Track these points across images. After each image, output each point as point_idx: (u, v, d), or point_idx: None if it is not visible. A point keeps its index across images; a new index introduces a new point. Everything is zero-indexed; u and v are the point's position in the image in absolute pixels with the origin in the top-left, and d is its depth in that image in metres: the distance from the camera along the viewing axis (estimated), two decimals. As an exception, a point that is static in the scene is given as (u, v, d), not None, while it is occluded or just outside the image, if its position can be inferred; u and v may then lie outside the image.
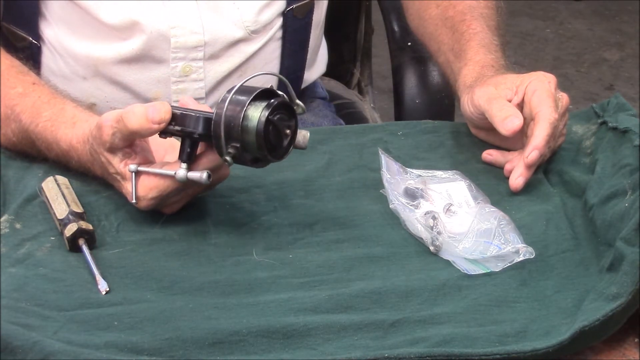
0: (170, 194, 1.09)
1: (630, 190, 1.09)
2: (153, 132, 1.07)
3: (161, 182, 1.08)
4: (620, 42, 4.05)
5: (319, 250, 1.08)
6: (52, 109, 1.19)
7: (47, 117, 1.18)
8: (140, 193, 1.08)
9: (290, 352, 0.92)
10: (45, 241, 1.06)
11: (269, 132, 1.03)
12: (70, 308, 0.96)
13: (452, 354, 0.91)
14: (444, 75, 1.45)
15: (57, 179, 1.13)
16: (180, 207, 1.12)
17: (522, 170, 1.19)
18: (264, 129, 1.02)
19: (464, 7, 1.42)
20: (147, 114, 1.06)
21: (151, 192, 1.08)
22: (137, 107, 1.07)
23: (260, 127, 1.02)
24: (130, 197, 1.09)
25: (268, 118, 1.02)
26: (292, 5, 1.44)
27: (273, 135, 1.03)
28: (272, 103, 1.03)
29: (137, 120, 1.06)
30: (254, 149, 1.03)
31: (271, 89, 1.05)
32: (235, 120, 1.02)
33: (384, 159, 1.17)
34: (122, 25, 1.35)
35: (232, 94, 1.03)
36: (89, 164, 1.15)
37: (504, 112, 1.19)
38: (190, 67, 1.39)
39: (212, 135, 1.04)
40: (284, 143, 1.05)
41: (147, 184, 1.08)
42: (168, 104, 1.07)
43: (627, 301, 0.96)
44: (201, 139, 1.06)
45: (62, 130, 1.17)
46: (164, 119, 1.06)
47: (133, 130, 1.07)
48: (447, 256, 1.06)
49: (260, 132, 1.02)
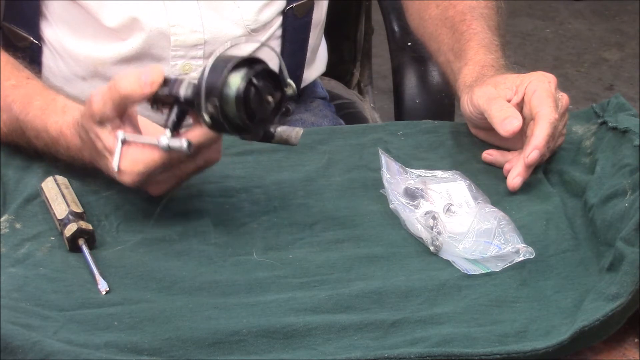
0: (157, 169, 1.07)
1: (630, 190, 1.09)
2: (145, 95, 1.05)
3: (147, 155, 1.06)
4: (620, 42, 4.05)
5: (319, 250, 1.08)
6: (44, 99, 1.19)
7: (38, 106, 1.18)
8: (125, 167, 1.06)
9: (290, 352, 0.92)
10: (45, 241, 1.06)
11: (249, 95, 1.01)
12: (70, 308, 0.96)
13: (452, 354, 0.91)
14: (444, 75, 1.45)
15: (56, 179, 1.13)
16: (166, 189, 1.11)
17: (520, 170, 1.19)
18: (244, 91, 1.01)
19: (464, 7, 1.42)
20: (139, 76, 1.05)
21: (137, 166, 1.06)
22: (129, 72, 1.06)
23: (241, 88, 1.01)
24: (114, 168, 1.07)
25: (250, 80, 1.01)
26: (292, 5, 1.44)
27: (255, 102, 1.02)
28: (256, 68, 1.02)
29: (129, 84, 1.05)
30: (233, 110, 1.01)
31: (258, 59, 1.04)
32: (218, 80, 1.01)
33: (384, 159, 1.17)
34: (122, 23, 1.35)
35: (218, 56, 1.02)
36: (77, 150, 1.14)
37: (503, 112, 1.19)
38: (190, 65, 1.39)
39: (193, 96, 1.03)
40: (266, 111, 1.04)
41: (133, 157, 1.06)
42: (161, 68, 1.06)
43: (627, 301, 0.96)
44: (187, 104, 1.05)
45: (52, 118, 1.16)
46: (156, 81, 1.05)
47: (125, 94, 1.05)
48: (447, 256, 1.06)
49: (240, 93, 1.01)
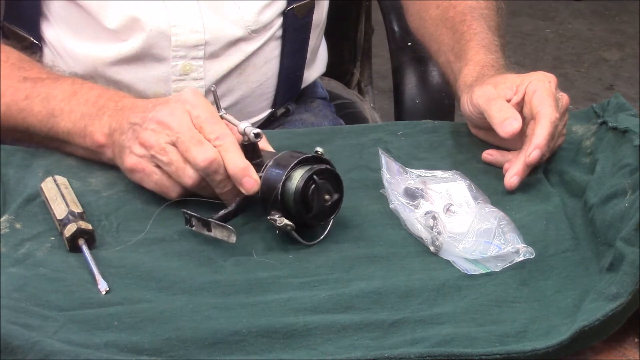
0: (217, 175, 1.09)
1: (630, 190, 1.09)
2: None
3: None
4: (620, 42, 4.05)
5: (319, 250, 1.08)
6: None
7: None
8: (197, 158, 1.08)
9: (290, 352, 0.92)
10: (45, 241, 1.06)
11: (307, 189, 1.06)
12: (70, 308, 0.96)
13: (452, 354, 0.91)
14: (444, 75, 1.45)
15: (56, 179, 1.12)
16: (181, 194, 1.12)
17: (518, 169, 1.18)
18: (303, 186, 1.05)
19: (465, 8, 1.42)
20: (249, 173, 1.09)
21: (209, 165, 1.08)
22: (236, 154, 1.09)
23: (301, 183, 1.06)
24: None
25: (311, 176, 1.06)
26: (293, 5, 1.44)
27: (314, 197, 1.06)
28: (317, 167, 1.07)
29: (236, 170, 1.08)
30: (291, 205, 1.06)
31: (322, 158, 1.09)
32: (278, 180, 1.06)
33: (384, 159, 1.17)
34: (123, 23, 1.35)
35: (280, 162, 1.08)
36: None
37: (502, 114, 1.19)
38: (190, 65, 1.39)
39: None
40: (323, 209, 1.07)
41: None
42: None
43: (627, 301, 0.96)
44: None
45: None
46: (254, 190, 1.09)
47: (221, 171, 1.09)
48: (447, 256, 1.06)
49: (299, 189, 1.05)
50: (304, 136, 1.33)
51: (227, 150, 1.08)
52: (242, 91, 1.46)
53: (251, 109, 1.49)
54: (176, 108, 1.11)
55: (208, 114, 1.10)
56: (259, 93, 1.48)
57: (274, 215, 1.06)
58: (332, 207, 1.09)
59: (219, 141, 1.09)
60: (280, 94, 1.51)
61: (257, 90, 1.48)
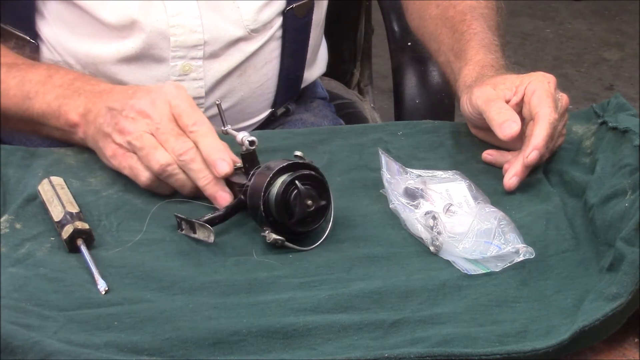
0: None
1: (630, 190, 1.09)
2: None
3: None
4: (620, 42, 4.05)
5: (319, 250, 1.08)
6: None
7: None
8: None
9: (290, 352, 0.92)
10: (45, 241, 1.06)
11: (289, 194, 1.05)
12: (70, 308, 0.96)
13: (452, 354, 0.91)
14: (444, 75, 1.45)
15: (51, 180, 1.12)
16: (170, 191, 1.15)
17: (517, 169, 1.18)
18: (283, 191, 1.05)
19: (464, 7, 1.42)
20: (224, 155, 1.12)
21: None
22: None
23: (281, 187, 1.05)
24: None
25: (292, 181, 1.05)
26: (292, 5, 1.44)
27: (296, 203, 1.06)
28: (299, 172, 1.06)
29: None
30: (274, 211, 1.06)
31: (311, 165, 1.08)
32: (262, 185, 1.07)
33: (384, 159, 1.17)
34: (121, 24, 1.35)
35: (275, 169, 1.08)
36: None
37: (501, 115, 1.19)
38: (189, 66, 1.39)
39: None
40: (306, 215, 1.07)
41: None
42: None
43: (627, 301, 0.96)
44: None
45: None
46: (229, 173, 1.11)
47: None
48: (447, 256, 1.06)
49: (279, 194, 1.05)
50: (304, 136, 1.32)
51: (203, 135, 1.12)
52: (243, 92, 1.46)
53: (251, 109, 1.49)
54: (157, 98, 1.15)
55: (187, 104, 1.14)
56: (259, 93, 1.48)
57: (264, 232, 1.06)
58: (318, 214, 1.08)
59: (196, 127, 1.12)
60: (280, 94, 1.51)
61: (257, 90, 1.47)
